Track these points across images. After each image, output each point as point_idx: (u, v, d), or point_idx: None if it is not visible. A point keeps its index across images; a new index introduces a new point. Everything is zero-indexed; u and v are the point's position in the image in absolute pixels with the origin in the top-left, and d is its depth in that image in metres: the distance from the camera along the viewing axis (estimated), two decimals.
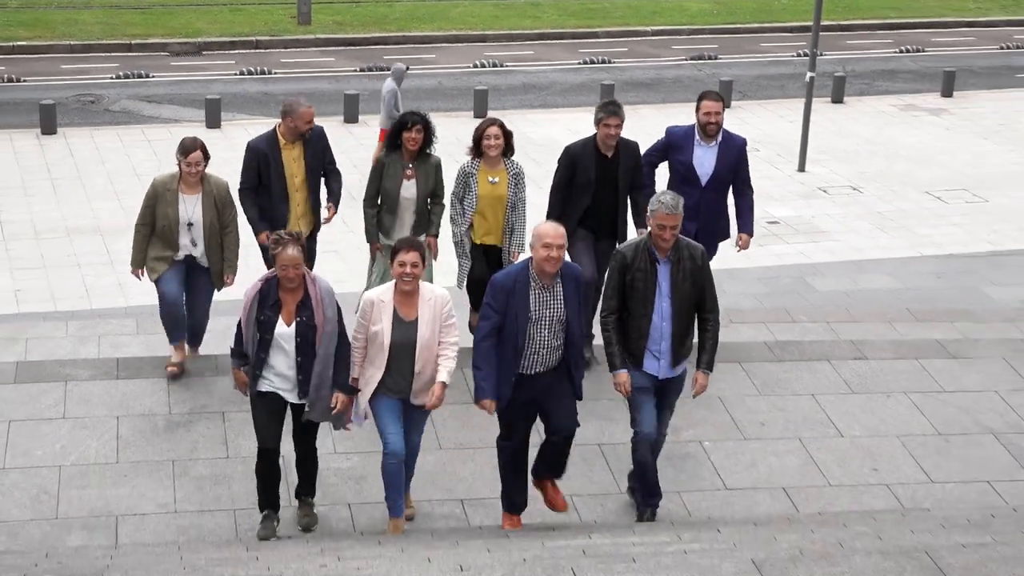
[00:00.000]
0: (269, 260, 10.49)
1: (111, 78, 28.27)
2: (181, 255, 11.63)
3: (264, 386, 9.52)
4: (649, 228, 9.80)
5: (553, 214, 11.51)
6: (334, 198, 12.85)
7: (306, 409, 9.52)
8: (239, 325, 9.60)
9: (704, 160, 12.17)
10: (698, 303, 9.86)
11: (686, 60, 31.50)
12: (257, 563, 7.94)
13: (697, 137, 12.26)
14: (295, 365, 9.46)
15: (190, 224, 11.44)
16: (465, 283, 12.59)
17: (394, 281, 9.44)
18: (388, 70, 29.41)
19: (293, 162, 12.10)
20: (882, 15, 35.86)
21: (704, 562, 7.41)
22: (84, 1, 33.27)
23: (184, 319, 11.89)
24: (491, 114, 25.64)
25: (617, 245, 11.77)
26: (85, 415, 11.04)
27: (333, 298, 9.66)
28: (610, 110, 11.88)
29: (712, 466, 10.43)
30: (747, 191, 12.57)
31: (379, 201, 12.53)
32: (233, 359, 9.70)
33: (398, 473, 9.53)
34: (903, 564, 7.36)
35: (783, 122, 24.70)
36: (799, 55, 30.26)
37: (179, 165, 11.39)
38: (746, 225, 12.55)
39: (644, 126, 12.78)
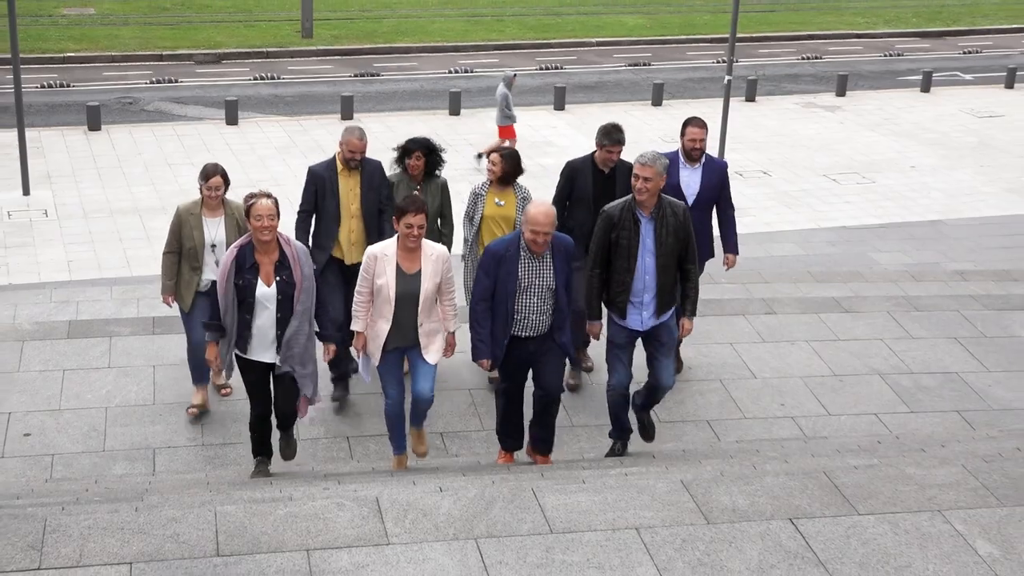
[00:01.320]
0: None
1: (146, 83, 28.11)
2: (205, 281, 10.00)
3: (250, 353, 8.66)
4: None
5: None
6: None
7: (278, 364, 8.62)
8: (214, 296, 8.67)
9: (690, 181, 10.62)
10: (679, 255, 8.96)
11: (625, 66, 31.45)
12: (271, 487, 7.92)
13: (682, 160, 10.67)
14: (275, 322, 8.53)
15: (214, 246, 10.01)
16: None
17: (396, 237, 8.71)
18: (377, 76, 29.49)
19: (350, 191, 10.39)
20: (787, 28, 35.91)
21: (642, 482, 7.42)
22: (122, 19, 33.07)
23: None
24: (463, 112, 25.84)
25: None
26: (127, 365, 10.99)
27: (309, 257, 8.79)
28: (615, 138, 10.47)
29: None
30: (730, 211, 11.03)
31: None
32: (208, 332, 8.71)
33: (398, 419, 9.06)
34: (805, 483, 7.39)
35: (705, 118, 24.67)
36: (718, 62, 30.30)
37: (201, 190, 10.13)
38: (732, 246, 11.09)
39: (590, 121, 12.65)
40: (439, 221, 10.94)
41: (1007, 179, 22.71)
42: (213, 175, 10.07)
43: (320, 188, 10.45)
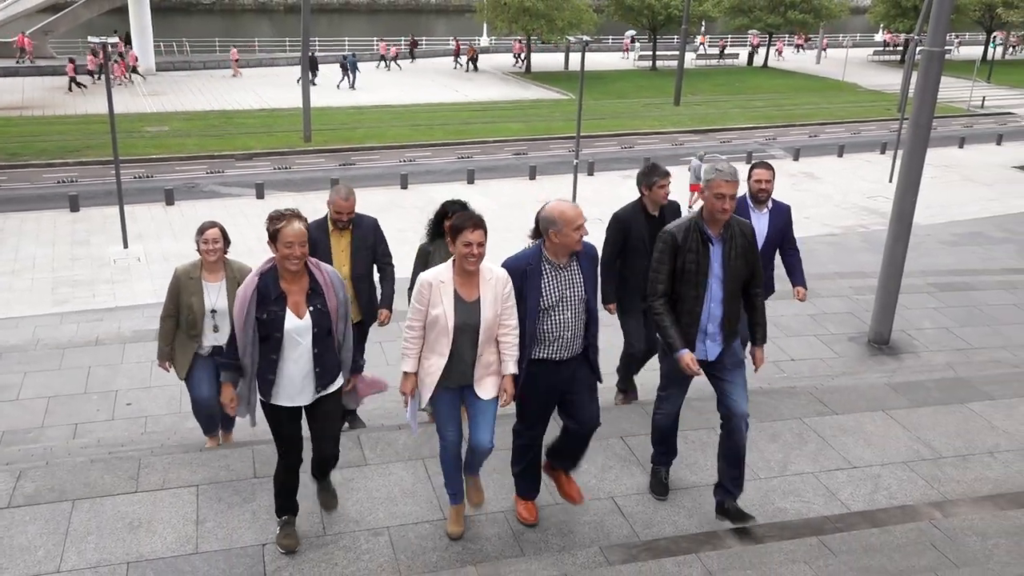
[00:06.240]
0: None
1: (203, 174, 27.56)
2: (206, 347, 6.64)
3: (277, 398, 5.04)
4: (701, 202, 5.40)
5: (611, 282, 7.06)
6: (385, 302, 7.04)
7: (343, 398, 5.31)
8: (231, 333, 5.03)
9: (759, 225, 7.19)
10: (746, 280, 5.48)
11: (512, 155, 31.52)
12: None
13: (750, 204, 7.29)
14: (312, 358, 4.98)
15: (214, 311, 6.57)
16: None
17: (451, 260, 5.11)
18: (354, 164, 29.27)
19: (341, 251, 6.79)
20: (611, 129, 36.26)
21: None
22: (186, 133, 32.45)
23: (218, 415, 6.98)
24: (409, 187, 25.69)
25: None
26: None
27: (341, 281, 5.12)
28: (662, 172, 7.13)
29: None
30: (795, 250, 7.55)
31: None
32: (225, 373, 5.09)
33: (455, 464, 5.47)
34: (629, 413, 7.41)
35: (562, 186, 24.93)
36: (569, 151, 30.48)
37: (197, 246, 6.64)
38: (800, 279, 7.57)
39: (491, 190, 12.53)
40: None
41: None
42: (210, 227, 6.62)
43: (311, 248, 6.30)
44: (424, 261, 6.81)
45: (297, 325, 4.94)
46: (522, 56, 51.86)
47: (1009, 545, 5.60)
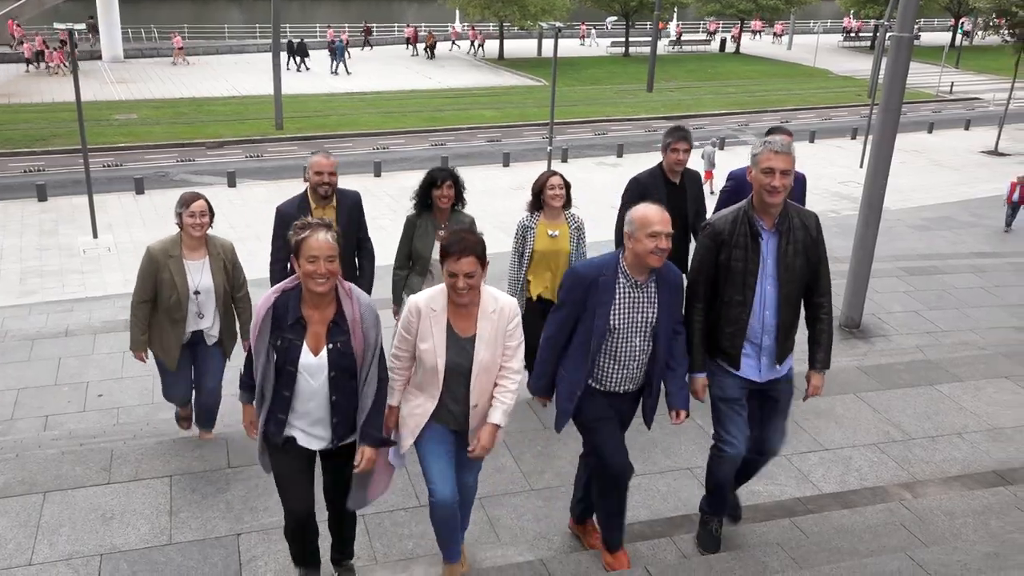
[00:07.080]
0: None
1: (173, 162, 27.36)
2: (188, 333, 5.98)
3: (286, 431, 4.17)
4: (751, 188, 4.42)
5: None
6: (366, 282, 6.53)
7: (355, 469, 4.22)
8: (249, 351, 4.23)
9: None
10: (809, 284, 4.52)
11: (485, 142, 31.48)
12: None
13: None
14: (329, 405, 4.10)
15: (197, 292, 5.82)
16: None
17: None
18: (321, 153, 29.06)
19: None
20: (585, 116, 36.32)
21: None
22: (156, 121, 32.14)
23: (191, 404, 6.62)
24: (383, 174, 25.63)
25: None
26: None
27: (376, 317, 4.14)
28: (679, 135, 6.43)
29: None
30: None
31: (411, 263, 6.60)
32: (242, 392, 4.31)
33: (451, 520, 4.44)
34: None
35: (536, 173, 24.88)
36: (543, 137, 30.51)
37: (180, 221, 5.73)
38: None
39: (465, 179, 12.33)
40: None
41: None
42: (196, 199, 5.72)
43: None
44: (410, 235, 6.54)
45: (309, 363, 4.03)
46: (475, 43, 51.69)
47: (976, 524, 5.69)
